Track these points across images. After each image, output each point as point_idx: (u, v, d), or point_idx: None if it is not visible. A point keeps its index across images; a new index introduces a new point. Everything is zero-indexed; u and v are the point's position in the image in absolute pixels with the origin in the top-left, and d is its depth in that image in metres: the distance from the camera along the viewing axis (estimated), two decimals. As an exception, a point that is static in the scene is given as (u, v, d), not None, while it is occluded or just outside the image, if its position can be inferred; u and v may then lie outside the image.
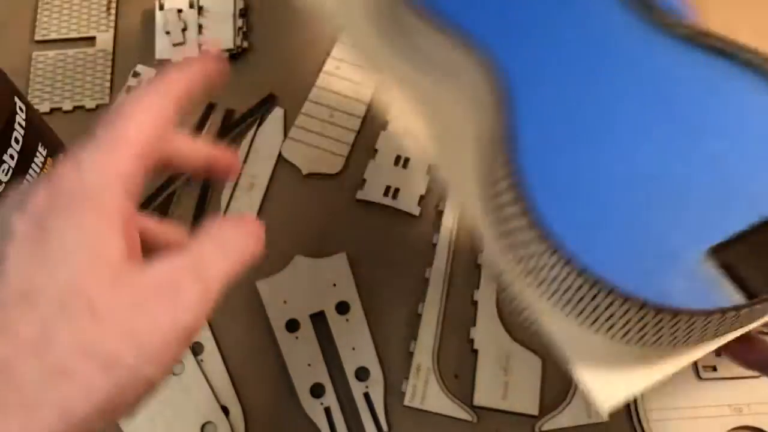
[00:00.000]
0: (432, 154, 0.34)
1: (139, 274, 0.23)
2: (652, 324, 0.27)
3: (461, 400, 0.48)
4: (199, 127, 0.57)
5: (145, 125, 0.24)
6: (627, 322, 0.28)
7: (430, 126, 0.34)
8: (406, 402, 0.48)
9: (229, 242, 0.25)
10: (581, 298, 0.28)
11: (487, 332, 0.49)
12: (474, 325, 0.50)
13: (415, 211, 0.54)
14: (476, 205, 0.32)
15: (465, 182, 0.32)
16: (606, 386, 0.29)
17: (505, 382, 0.48)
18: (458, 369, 0.50)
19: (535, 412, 0.47)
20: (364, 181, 0.56)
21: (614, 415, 0.47)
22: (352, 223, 0.55)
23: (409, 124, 0.34)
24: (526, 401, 0.47)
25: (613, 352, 0.29)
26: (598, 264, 0.27)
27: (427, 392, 0.48)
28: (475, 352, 0.49)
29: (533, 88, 0.32)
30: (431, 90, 0.34)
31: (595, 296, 0.27)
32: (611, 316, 0.28)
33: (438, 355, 0.50)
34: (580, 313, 0.29)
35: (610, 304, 0.27)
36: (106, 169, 0.23)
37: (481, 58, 0.32)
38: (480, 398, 0.47)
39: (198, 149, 0.28)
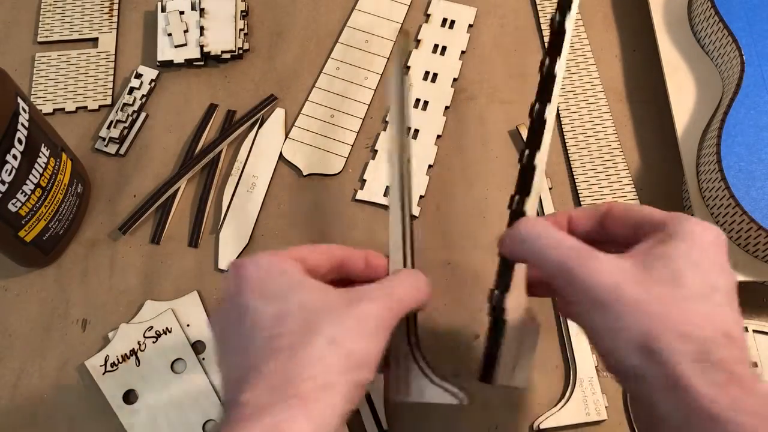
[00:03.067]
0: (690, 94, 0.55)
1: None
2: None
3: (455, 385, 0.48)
4: (201, 127, 0.58)
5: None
6: (757, 243, 0.47)
7: (698, 81, 0.55)
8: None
9: (409, 280, 0.38)
10: (731, 218, 0.48)
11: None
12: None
13: (415, 211, 0.55)
14: (694, 136, 0.52)
15: (695, 120, 0.53)
16: None
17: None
18: (457, 364, 0.50)
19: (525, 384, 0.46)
20: (364, 181, 0.56)
21: (612, 412, 0.48)
22: (352, 223, 0.55)
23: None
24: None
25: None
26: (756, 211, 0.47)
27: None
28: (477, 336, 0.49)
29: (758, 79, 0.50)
30: (708, 62, 0.55)
31: (749, 227, 0.47)
32: (749, 236, 0.47)
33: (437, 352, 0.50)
34: (730, 228, 0.48)
35: (756, 234, 0.47)
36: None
37: (739, 52, 0.51)
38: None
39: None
